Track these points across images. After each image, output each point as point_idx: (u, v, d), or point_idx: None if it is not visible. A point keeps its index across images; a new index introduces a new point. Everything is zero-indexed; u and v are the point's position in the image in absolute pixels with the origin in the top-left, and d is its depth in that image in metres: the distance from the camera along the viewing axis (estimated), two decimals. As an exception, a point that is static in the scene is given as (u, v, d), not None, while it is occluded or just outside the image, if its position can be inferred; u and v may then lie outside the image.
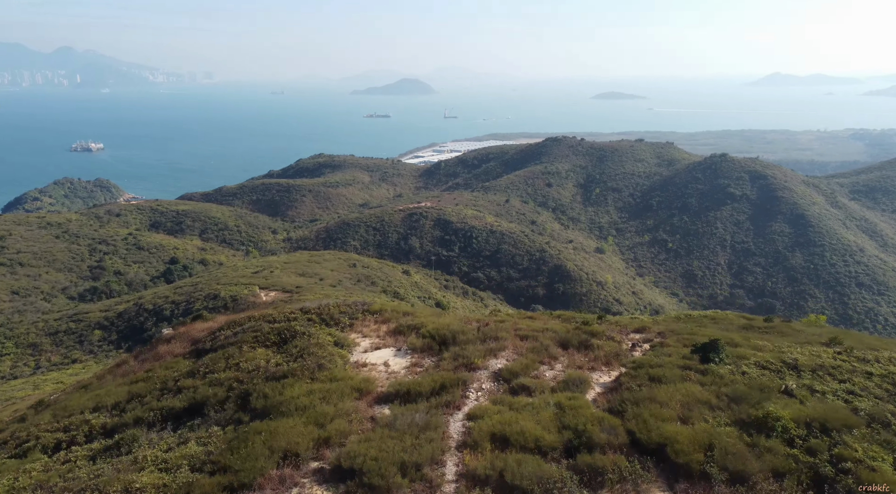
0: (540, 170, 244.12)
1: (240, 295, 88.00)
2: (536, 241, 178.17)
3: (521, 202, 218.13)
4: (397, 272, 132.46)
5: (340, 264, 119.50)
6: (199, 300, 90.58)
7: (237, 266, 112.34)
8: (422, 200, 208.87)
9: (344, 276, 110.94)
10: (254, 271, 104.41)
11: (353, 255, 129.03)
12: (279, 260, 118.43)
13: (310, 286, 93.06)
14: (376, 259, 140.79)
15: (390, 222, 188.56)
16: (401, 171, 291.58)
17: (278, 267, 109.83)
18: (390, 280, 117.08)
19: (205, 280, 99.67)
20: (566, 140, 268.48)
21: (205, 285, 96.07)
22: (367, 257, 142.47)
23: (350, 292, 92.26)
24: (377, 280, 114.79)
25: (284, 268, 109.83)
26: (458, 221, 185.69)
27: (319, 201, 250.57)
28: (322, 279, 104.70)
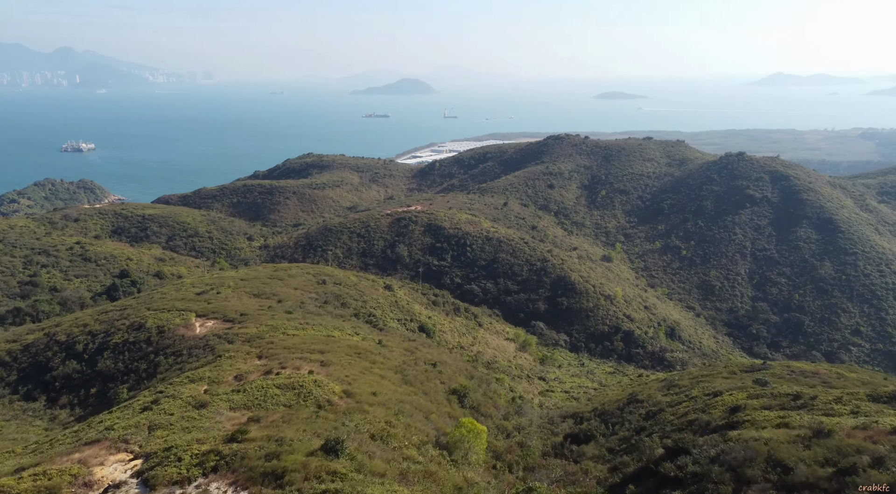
0: (541, 170, 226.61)
1: (169, 326, 70.72)
2: (537, 249, 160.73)
3: (521, 205, 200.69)
4: (378, 288, 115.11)
5: (307, 280, 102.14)
6: (121, 331, 73.30)
7: (183, 284, 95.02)
8: (412, 203, 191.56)
9: (309, 296, 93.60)
10: (199, 292, 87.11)
11: (325, 268, 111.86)
12: (236, 276, 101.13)
13: (258, 313, 75.77)
14: (355, 272, 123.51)
15: (376, 228, 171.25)
16: (393, 171, 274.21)
17: (231, 285, 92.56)
18: (365, 300, 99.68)
19: (135, 304, 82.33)
20: (569, 138, 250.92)
21: (133, 310, 78.75)
22: (345, 271, 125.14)
23: (307, 319, 75.07)
24: (349, 300, 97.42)
25: (238, 287, 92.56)
26: (450, 226, 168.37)
27: (304, 204, 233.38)
28: (280, 301, 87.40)
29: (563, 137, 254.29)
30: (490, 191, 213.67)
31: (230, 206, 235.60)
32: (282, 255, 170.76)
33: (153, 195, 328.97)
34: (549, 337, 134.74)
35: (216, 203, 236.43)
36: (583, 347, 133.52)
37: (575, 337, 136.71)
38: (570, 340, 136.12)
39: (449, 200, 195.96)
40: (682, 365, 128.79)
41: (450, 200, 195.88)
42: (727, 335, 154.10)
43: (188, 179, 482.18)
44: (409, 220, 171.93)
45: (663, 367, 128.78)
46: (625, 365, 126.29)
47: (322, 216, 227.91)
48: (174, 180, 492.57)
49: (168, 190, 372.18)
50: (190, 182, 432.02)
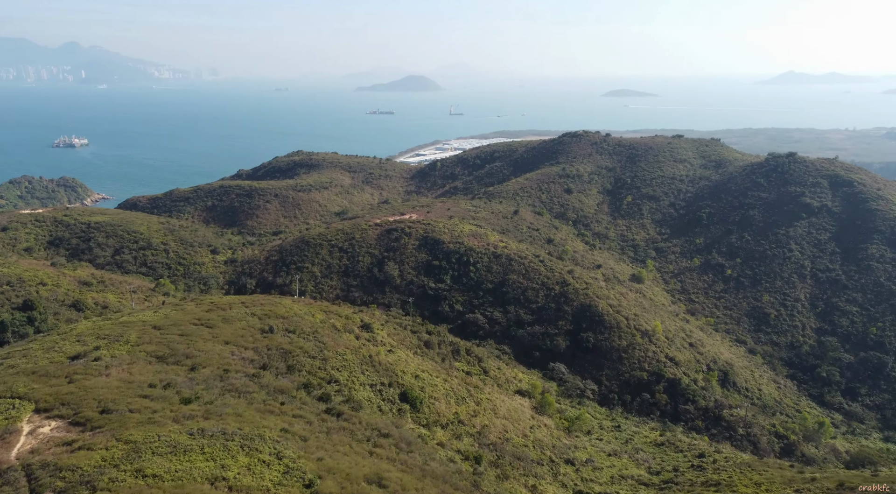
0: (556, 172, 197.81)
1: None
2: (556, 269, 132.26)
3: (534, 214, 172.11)
4: (352, 329, 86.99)
5: (248, 326, 74.13)
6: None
7: (67, 334, 67.11)
8: (407, 210, 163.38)
9: (242, 356, 65.61)
10: (73, 356, 59.40)
11: (279, 304, 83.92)
12: (150, 320, 73.24)
13: (134, 405, 47.73)
14: (324, 306, 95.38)
15: (362, 242, 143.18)
16: (389, 172, 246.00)
17: (132, 340, 64.85)
18: (326, 357, 71.45)
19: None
20: (587, 136, 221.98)
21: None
22: (311, 304, 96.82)
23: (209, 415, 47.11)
24: (302, 359, 69.24)
25: (142, 342, 64.82)
26: (450, 240, 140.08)
27: (286, 209, 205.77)
28: (193, 369, 59.57)
29: (580, 134, 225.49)
30: (498, 196, 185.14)
31: (204, 210, 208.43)
32: (249, 272, 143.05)
33: (140, 193, 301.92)
34: (572, 386, 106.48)
35: (188, 207, 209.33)
36: (616, 399, 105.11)
37: (605, 386, 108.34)
38: (598, 389, 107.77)
39: (450, 206, 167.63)
40: (745, 427, 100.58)
41: (451, 206, 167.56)
42: (790, 377, 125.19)
43: (176, 177, 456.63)
44: (402, 232, 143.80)
45: (722, 429, 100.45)
46: (672, 427, 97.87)
47: (306, 223, 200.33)
48: (162, 178, 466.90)
49: (155, 188, 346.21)
50: (178, 181, 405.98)
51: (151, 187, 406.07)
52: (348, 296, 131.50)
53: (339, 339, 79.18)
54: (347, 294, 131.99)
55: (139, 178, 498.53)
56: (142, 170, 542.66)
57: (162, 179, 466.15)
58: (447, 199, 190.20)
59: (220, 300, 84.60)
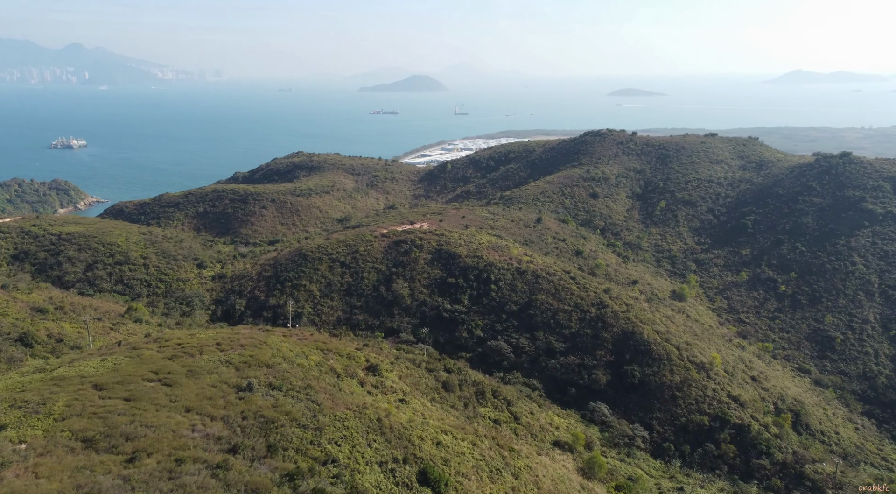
0: (580, 175, 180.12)
1: None
2: (589, 287, 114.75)
3: (558, 222, 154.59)
4: (355, 373, 69.74)
5: (220, 382, 56.84)
6: None
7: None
8: (417, 218, 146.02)
9: (206, 432, 48.29)
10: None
11: (265, 345, 66.55)
12: (91, 374, 56.20)
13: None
14: (322, 342, 78.09)
15: (367, 255, 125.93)
16: (395, 174, 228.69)
17: (59, 408, 47.92)
18: (322, 425, 54.08)
19: None
20: (612, 135, 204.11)
21: None
22: (306, 341, 79.38)
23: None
24: (290, 430, 51.84)
25: (70, 411, 47.80)
26: (468, 253, 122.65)
27: (284, 215, 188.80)
28: (132, 460, 42.31)
29: (604, 133, 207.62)
30: (517, 201, 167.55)
31: (195, 216, 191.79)
32: (240, 290, 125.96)
33: (136, 196, 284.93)
34: (618, 432, 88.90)
35: (178, 213, 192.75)
36: (672, 450, 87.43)
37: (658, 432, 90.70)
38: (650, 436, 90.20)
39: (465, 214, 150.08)
40: (835, 487, 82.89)
41: (466, 214, 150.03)
42: (866, 414, 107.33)
43: (173, 179, 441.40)
44: (412, 244, 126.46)
45: (806, 491, 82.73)
46: (745, 488, 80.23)
47: (305, 231, 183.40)
48: (159, 181, 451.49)
49: (152, 191, 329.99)
50: (175, 183, 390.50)
51: (148, 189, 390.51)
52: (351, 319, 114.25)
53: (339, 394, 61.73)
54: (350, 317, 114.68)
55: (136, 180, 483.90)
56: (139, 172, 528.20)
57: (159, 182, 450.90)
58: (460, 205, 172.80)
59: (189, 341, 67.17)
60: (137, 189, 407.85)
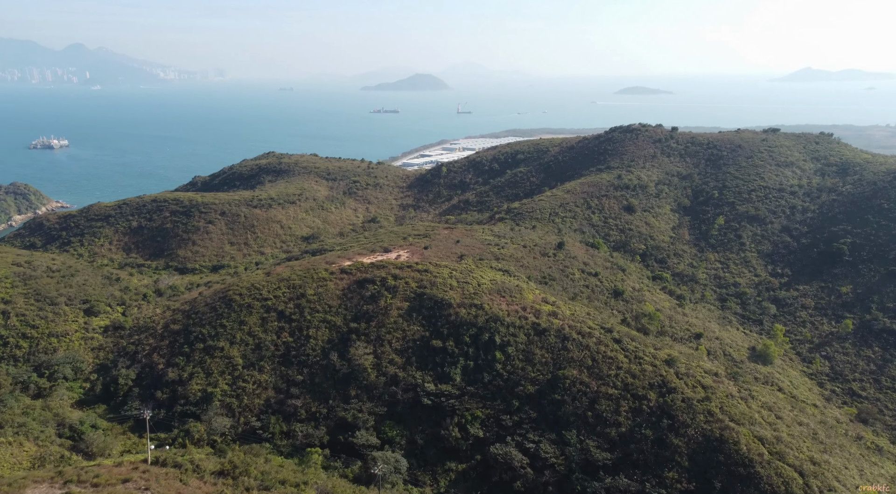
0: (609, 181, 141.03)
1: None
2: (644, 355, 75.96)
3: (586, 246, 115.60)
4: None
5: None
6: None
7: None
8: (394, 243, 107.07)
9: None
10: None
11: None
12: None
13: None
14: None
15: (317, 302, 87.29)
16: (380, 179, 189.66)
17: None
18: None
19: None
20: (646, 131, 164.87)
21: None
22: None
23: None
24: None
25: None
26: (462, 301, 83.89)
27: (235, 232, 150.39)
28: None
29: (636, 128, 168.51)
30: (528, 216, 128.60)
31: (126, 233, 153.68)
32: (134, 352, 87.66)
33: (105, 200, 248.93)
34: None
35: (107, 229, 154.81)
36: None
37: None
38: None
39: (460, 236, 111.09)
40: None
41: (462, 236, 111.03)
42: None
43: (148, 182, 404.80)
44: (382, 284, 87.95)
45: None
46: None
47: (260, 252, 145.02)
48: (132, 184, 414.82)
49: (122, 195, 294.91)
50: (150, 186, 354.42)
51: (119, 192, 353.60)
52: (284, 406, 75.74)
53: None
54: (284, 402, 76.12)
55: (111, 183, 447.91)
56: (117, 174, 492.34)
57: (132, 185, 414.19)
58: (454, 223, 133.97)
59: None
60: (110, 193, 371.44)
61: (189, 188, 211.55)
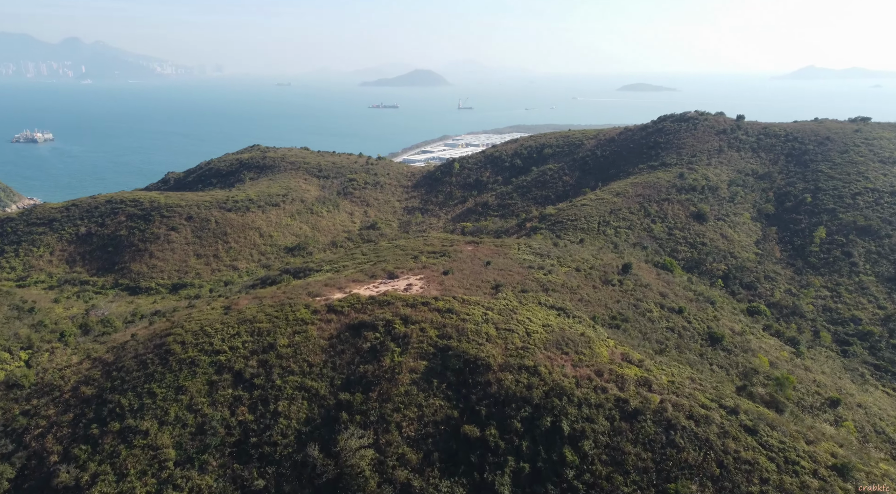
0: (668, 181, 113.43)
1: None
2: (799, 456, 48.06)
3: (655, 267, 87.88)
4: None
5: None
6: None
7: None
8: (402, 265, 79.02)
9: None
10: None
11: None
12: None
13: None
14: None
15: (292, 357, 59.30)
16: (380, 178, 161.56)
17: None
18: None
19: None
20: (707, 120, 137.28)
21: None
22: None
23: None
24: None
25: None
26: (505, 361, 55.97)
27: (203, 241, 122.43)
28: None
29: (692, 117, 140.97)
30: (570, 225, 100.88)
31: (72, 241, 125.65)
32: (22, 434, 60.14)
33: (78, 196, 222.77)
34: None
35: (49, 235, 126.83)
36: None
37: None
38: None
39: (490, 255, 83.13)
40: None
41: (491, 255, 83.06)
42: None
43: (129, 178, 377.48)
44: (387, 331, 60.29)
45: None
46: None
47: (233, 266, 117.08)
48: (113, 180, 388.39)
49: (101, 190, 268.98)
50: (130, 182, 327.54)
51: (99, 188, 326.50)
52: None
53: None
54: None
55: (92, 178, 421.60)
56: (99, 169, 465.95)
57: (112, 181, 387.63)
58: (478, 233, 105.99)
59: None
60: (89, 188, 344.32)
61: (161, 186, 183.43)
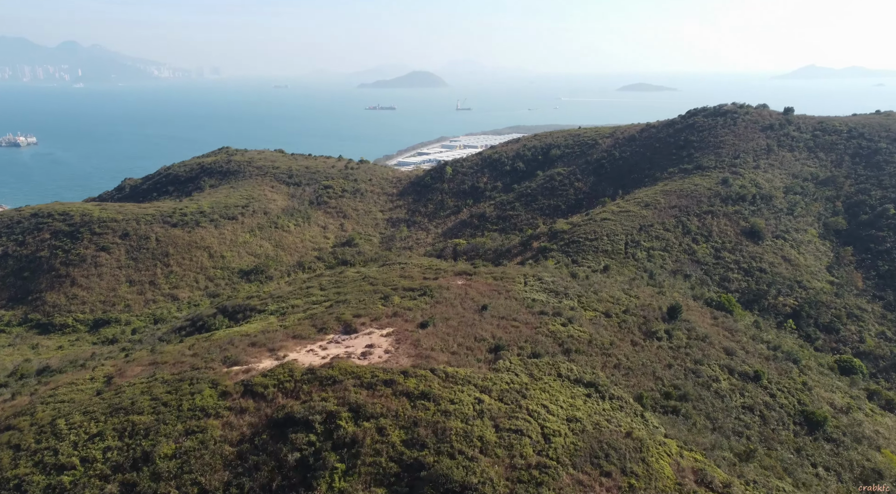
0: (707, 188, 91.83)
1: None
2: None
3: (708, 307, 65.84)
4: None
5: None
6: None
7: None
8: (367, 308, 57.04)
9: None
10: None
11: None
12: None
13: None
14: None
15: (177, 480, 37.57)
16: (361, 184, 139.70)
17: None
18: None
19: None
20: (746, 114, 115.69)
21: None
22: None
23: None
24: None
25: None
26: (513, 486, 34.18)
27: (140, 263, 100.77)
28: None
29: (730, 110, 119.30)
30: (588, 244, 79.19)
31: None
32: None
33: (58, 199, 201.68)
34: None
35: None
36: None
37: None
38: None
39: (486, 295, 61.32)
40: None
41: (489, 294, 61.23)
42: None
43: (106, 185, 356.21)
44: (328, 435, 38.74)
45: None
46: None
47: (172, 295, 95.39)
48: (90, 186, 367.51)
49: (75, 196, 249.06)
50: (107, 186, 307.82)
51: (77, 194, 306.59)
52: None
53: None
54: None
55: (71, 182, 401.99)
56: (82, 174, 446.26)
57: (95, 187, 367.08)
58: (473, 256, 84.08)
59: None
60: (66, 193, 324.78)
61: (114, 195, 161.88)
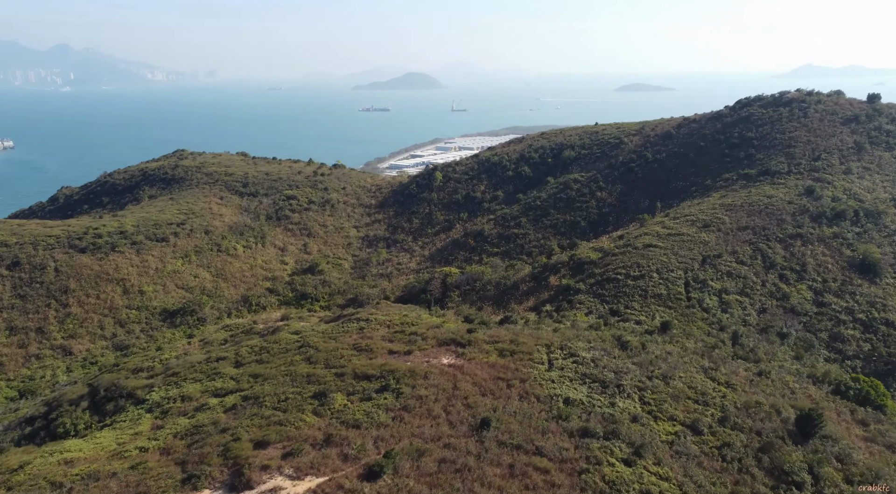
0: (787, 201, 67.66)
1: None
2: None
3: (841, 399, 41.60)
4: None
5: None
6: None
7: None
8: (289, 424, 33.00)
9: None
10: None
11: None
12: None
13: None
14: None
15: None
16: (332, 193, 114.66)
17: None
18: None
19: None
20: (818, 103, 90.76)
21: None
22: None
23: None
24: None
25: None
26: None
27: (30, 303, 76.22)
28: None
29: (795, 98, 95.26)
30: (631, 286, 55.34)
31: None
32: None
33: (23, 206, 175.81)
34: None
35: None
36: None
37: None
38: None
39: (491, 384, 37.38)
40: None
41: (492, 386, 37.27)
42: None
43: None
44: None
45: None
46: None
47: (65, 349, 70.83)
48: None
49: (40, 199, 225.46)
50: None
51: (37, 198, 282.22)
52: None
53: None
54: None
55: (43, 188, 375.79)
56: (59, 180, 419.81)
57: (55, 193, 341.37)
58: (468, 291, 59.76)
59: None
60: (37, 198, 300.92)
61: (45, 207, 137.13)
